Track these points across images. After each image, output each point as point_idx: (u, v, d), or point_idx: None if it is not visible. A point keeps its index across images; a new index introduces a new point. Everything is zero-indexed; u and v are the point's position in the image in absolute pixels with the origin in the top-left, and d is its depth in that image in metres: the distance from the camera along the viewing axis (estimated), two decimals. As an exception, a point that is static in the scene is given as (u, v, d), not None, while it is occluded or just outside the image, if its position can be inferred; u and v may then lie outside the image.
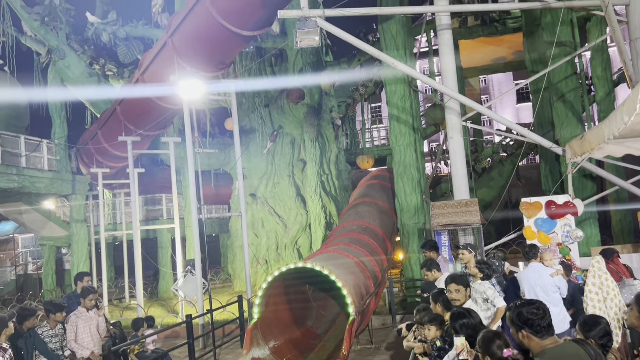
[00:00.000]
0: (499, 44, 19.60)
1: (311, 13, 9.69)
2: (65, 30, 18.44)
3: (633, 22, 9.37)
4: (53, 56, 18.02)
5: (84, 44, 18.89)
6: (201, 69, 12.92)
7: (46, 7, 17.69)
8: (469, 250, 7.01)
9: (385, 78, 15.26)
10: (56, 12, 17.86)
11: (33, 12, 17.67)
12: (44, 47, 18.33)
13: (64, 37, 18.41)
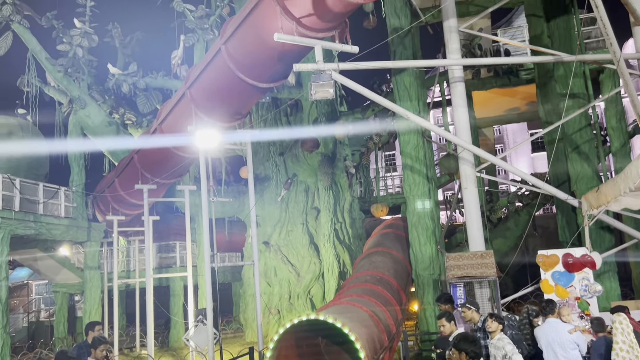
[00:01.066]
0: (512, 95, 19.78)
1: (326, 66, 9.91)
2: (87, 81, 19.03)
3: (645, 75, 9.44)
4: (74, 106, 18.53)
5: (104, 94, 19.44)
6: (218, 119, 13.16)
7: (70, 59, 18.33)
8: (468, 307, 6.87)
9: (399, 128, 15.39)
10: (79, 64, 18.49)
11: (57, 64, 18.31)
12: (66, 97, 18.88)
13: (86, 87, 18.99)
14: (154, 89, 19.68)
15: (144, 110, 19.68)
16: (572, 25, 13.58)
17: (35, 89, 18.79)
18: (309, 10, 9.71)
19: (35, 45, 18.56)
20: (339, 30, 10.76)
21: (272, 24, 10.13)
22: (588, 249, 9.82)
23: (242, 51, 11.36)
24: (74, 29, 18.36)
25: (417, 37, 16.48)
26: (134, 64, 19.38)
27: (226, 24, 11.94)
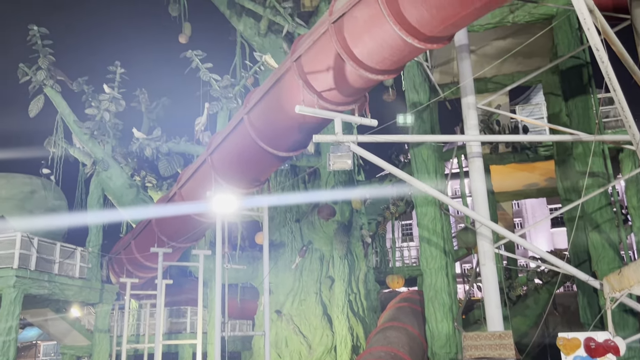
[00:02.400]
0: (531, 171, 19.75)
1: (345, 138, 10.05)
2: (112, 143, 19.53)
3: (666, 158, 9.39)
4: (97, 167, 18.94)
5: (127, 156, 19.89)
6: (237, 185, 13.30)
7: (97, 122, 18.93)
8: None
9: (416, 199, 15.37)
10: (105, 127, 19.06)
11: (84, 127, 18.90)
12: (90, 158, 19.34)
13: (110, 149, 19.47)
14: (176, 153, 20.10)
15: (165, 173, 20.03)
16: (591, 104, 13.70)
17: (61, 149, 19.30)
18: (330, 84, 9.98)
19: (65, 108, 19.25)
20: (358, 104, 11.01)
21: (294, 96, 10.41)
22: (611, 333, 9.44)
23: (263, 121, 11.64)
24: (103, 94, 19.07)
25: (435, 111, 16.77)
26: (159, 129, 19.91)
27: (250, 95, 12.31)
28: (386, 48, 8.84)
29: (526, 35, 14.60)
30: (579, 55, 13.74)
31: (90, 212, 19.10)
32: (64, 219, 18.61)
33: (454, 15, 7.96)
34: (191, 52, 18.26)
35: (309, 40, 9.91)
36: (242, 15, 20.77)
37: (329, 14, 9.35)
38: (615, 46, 8.06)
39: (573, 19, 13.83)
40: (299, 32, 19.09)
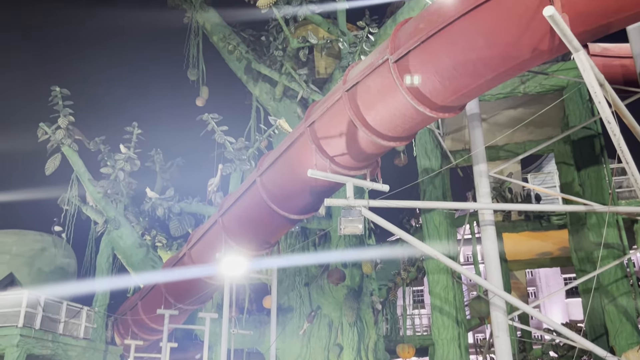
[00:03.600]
0: (544, 239, 19.49)
1: (356, 203, 10.04)
2: (124, 202, 19.69)
3: (683, 231, 9.24)
4: (109, 226, 19.03)
5: (139, 215, 19.98)
6: (247, 248, 13.24)
7: (111, 181, 19.18)
8: None
9: (428, 266, 15.18)
10: (119, 186, 19.29)
11: (99, 186, 19.14)
12: (102, 217, 19.46)
13: (122, 208, 19.61)
14: (187, 213, 20.18)
15: (175, 233, 20.03)
16: (603, 174, 13.68)
17: (74, 207, 19.49)
18: (342, 150, 10.10)
19: (81, 167, 19.57)
20: (370, 169, 11.09)
21: (307, 160, 10.52)
22: (633, 414, 9.00)
23: (276, 183, 11.73)
24: (118, 154, 19.41)
25: (447, 177, 16.83)
26: (172, 189, 20.10)
27: (263, 158, 12.46)
28: (398, 116, 8.99)
29: (537, 105, 14.81)
30: (591, 126, 13.86)
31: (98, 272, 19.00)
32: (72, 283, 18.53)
33: (466, 87, 8.12)
34: (207, 116, 18.69)
35: (322, 106, 10.12)
36: (258, 80, 21.38)
37: (342, 83, 9.59)
38: (626, 119, 8.14)
39: (584, 91, 14.05)
40: (313, 97, 19.53)
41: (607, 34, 7.94)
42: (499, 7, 7.13)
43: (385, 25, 19.86)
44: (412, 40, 8.13)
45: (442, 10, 7.92)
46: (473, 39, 7.51)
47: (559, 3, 6.61)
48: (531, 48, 7.27)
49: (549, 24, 6.53)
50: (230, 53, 21.33)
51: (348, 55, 19.03)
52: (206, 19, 22.20)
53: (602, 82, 7.35)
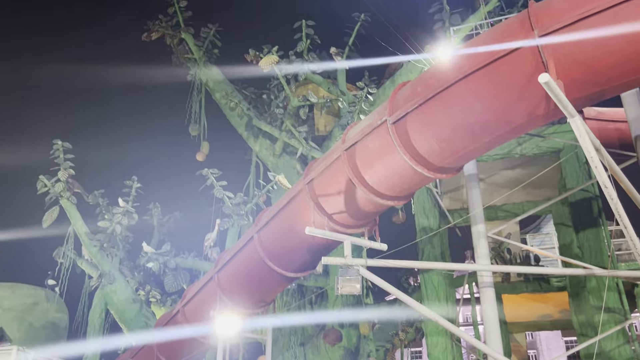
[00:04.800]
0: (544, 302, 19.17)
1: (354, 262, 9.95)
2: (120, 256, 19.54)
3: (684, 297, 9.12)
4: (103, 280, 18.81)
5: (134, 270, 19.79)
6: (242, 306, 13.00)
7: (108, 235, 19.10)
8: None
9: (426, 328, 14.89)
10: (116, 240, 19.20)
11: (95, 239, 19.05)
12: (97, 271, 19.27)
13: (117, 262, 19.44)
14: (183, 268, 19.98)
15: (170, 289, 19.76)
16: (602, 237, 13.64)
17: (69, 261, 19.32)
18: (340, 208, 10.11)
19: (78, 220, 19.54)
20: (368, 227, 11.06)
21: (305, 217, 10.51)
22: None
23: (273, 240, 11.66)
24: (117, 207, 19.43)
25: (445, 236, 16.76)
26: (168, 244, 19.99)
27: (261, 214, 12.46)
28: (396, 176, 9.07)
29: (534, 166, 14.95)
30: (588, 188, 13.93)
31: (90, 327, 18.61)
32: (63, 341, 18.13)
33: (463, 149, 8.23)
34: (207, 170, 18.83)
35: (322, 164, 10.21)
36: (258, 136, 21.67)
37: (342, 142, 9.72)
38: (622, 183, 8.20)
39: (580, 153, 14.20)
40: (312, 154, 19.75)
41: (601, 100, 8.13)
42: (495, 72, 7.32)
43: (384, 86, 20.34)
44: (410, 102, 8.30)
45: (439, 74, 8.13)
46: (470, 103, 7.67)
47: (554, 70, 6.80)
48: (527, 113, 7.42)
49: (544, 90, 6.68)
50: (232, 110, 21.73)
51: (347, 114, 19.39)
52: (209, 76, 22.73)
53: (597, 146, 7.45)
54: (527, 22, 7.16)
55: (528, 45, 7.05)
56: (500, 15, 18.33)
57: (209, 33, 23.06)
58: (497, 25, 8.30)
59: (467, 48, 8.09)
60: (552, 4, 7.24)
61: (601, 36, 6.68)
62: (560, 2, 7.21)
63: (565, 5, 7.01)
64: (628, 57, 6.72)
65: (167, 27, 23.06)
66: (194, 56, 23.03)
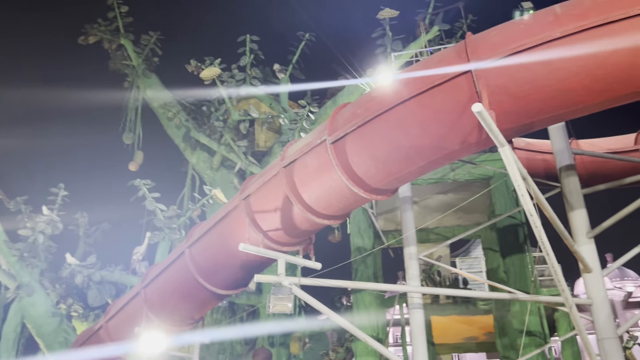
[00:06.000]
0: (470, 324, 19.71)
1: (287, 280, 9.87)
2: (41, 267, 18.48)
3: (598, 322, 9.59)
4: (21, 292, 17.70)
5: (55, 282, 18.75)
6: (169, 323, 12.56)
7: (29, 244, 18.05)
8: None
9: (356, 348, 14.94)
10: (37, 250, 18.17)
11: (14, 248, 17.94)
12: (14, 282, 18.12)
13: (38, 273, 18.36)
14: (108, 282, 19.12)
15: (93, 304, 18.85)
16: (527, 263, 14.20)
17: (-14, 275, 18.08)
18: (276, 225, 10.02)
19: (-3, 229, 18.38)
20: (303, 245, 11.02)
21: (240, 233, 10.35)
22: None
23: (205, 256, 11.38)
24: (40, 215, 18.42)
25: (379, 257, 16.97)
26: (94, 256, 19.11)
27: (194, 228, 12.15)
28: (333, 195, 9.11)
29: (466, 192, 15.44)
30: (515, 215, 14.51)
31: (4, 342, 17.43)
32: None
33: (398, 172, 8.39)
34: (139, 181, 18.23)
35: (259, 180, 10.12)
36: (196, 148, 21.26)
37: (281, 159, 9.68)
38: (547, 212, 8.58)
39: (509, 181, 14.77)
40: (251, 170, 19.57)
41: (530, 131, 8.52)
42: (432, 100, 7.53)
43: (326, 106, 20.54)
44: (350, 124, 8.39)
45: (378, 98, 8.28)
46: (407, 127, 7.84)
47: (487, 100, 7.06)
48: (460, 140, 7.66)
49: (477, 119, 6.92)
50: (170, 120, 21.25)
51: (288, 131, 19.40)
52: (148, 84, 22.19)
53: (525, 176, 7.76)
54: (464, 53, 7.43)
55: (463, 75, 7.30)
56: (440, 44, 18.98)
57: (149, 41, 22.56)
58: (436, 53, 8.57)
59: (406, 74, 8.29)
60: (488, 36, 7.56)
61: (531, 71, 7.02)
62: (496, 35, 7.53)
63: (500, 39, 7.33)
64: (554, 94, 7.09)
65: (105, 31, 22.39)
66: (132, 63, 22.43)
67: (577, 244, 9.96)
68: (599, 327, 9.53)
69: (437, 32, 19.22)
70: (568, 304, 8.44)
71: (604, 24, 6.79)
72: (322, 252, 11.45)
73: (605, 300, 9.71)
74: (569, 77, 6.96)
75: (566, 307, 8.56)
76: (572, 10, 7.09)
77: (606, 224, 10.08)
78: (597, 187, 11.89)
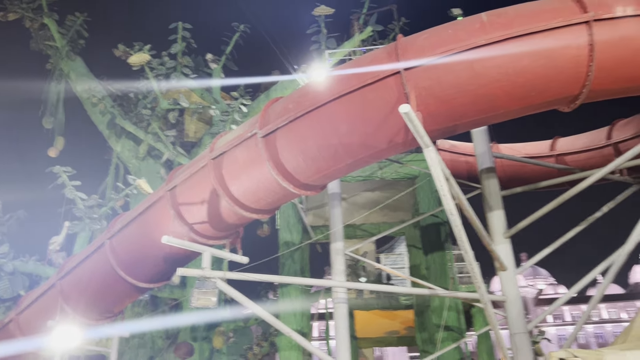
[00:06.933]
0: (392, 319, 20.27)
1: (212, 274, 9.74)
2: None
3: (511, 318, 10.11)
4: None
5: (-39, 273, 17.54)
6: (87, 316, 12.08)
7: None
8: None
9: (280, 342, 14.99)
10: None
11: None
12: None
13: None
14: (22, 273, 18.06)
15: (3, 295, 17.73)
16: (447, 260, 14.76)
17: None
18: (203, 218, 9.86)
19: None
20: (230, 239, 10.91)
21: (164, 225, 10.11)
22: None
23: (127, 248, 11.02)
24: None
25: (306, 252, 17.09)
26: (7, 245, 17.99)
27: (116, 219, 11.74)
28: (262, 189, 9.08)
29: (393, 190, 15.84)
30: (438, 214, 15.03)
31: None
32: None
33: (327, 168, 8.47)
34: (59, 168, 17.33)
35: (186, 171, 9.91)
36: (121, 136, 20.47)
37: (209, 150, 9.53)
38: (467, 212, 8.93)
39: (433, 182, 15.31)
40: (179, 160, 19.09)
41: (454, 134, 8.85)
42: (362, 99, 7.66)
43: (259, 99, 20.37)
44: (281, 118, 8.38)
45: (310, 94, 8.32)
46: (337, 124, 7.93)
47: (414, 102, 7.26)
48: (388, 139, 7.84)
49: (404, 119, 7.10)
50: (94, 105, 20.36)
51: (219, 123, 19.07)
52: (71, 67, 21.14)
53: (447, 176, 8.06)
54: (394, 54, 7.60)
55: (393, 76, 7.47)
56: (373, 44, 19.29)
57: (75, 22, 21.48)
58: (368, 53, 8.71)
59: (339, 72, 8.39)
60: (417, 39, 7.77)
61: (457, 76, 7.29)
62: (426, 39, 7.76)
63: (429, 43, 7.56)
64: (478, 98, 7.40)
65: (27, 8, 21.10)
66: (56, 44, 21.29)
67: (494, 243, 10.45)
68: (511, 322, 10.04)
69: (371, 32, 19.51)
70: (483, 300, 8.84)
71: (526, 34, 7.16)
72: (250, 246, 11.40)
73: (518, 297, 10.26)
74: (491, 83, 7.29)
75: (482, 303, 8.97)
76: (497, 19, 7.42)
77: (521, 224, 10.62)
78: (515, 189, 12.53)
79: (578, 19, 7.23)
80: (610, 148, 13.49)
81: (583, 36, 7.22)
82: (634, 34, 7.29)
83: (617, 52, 7.26)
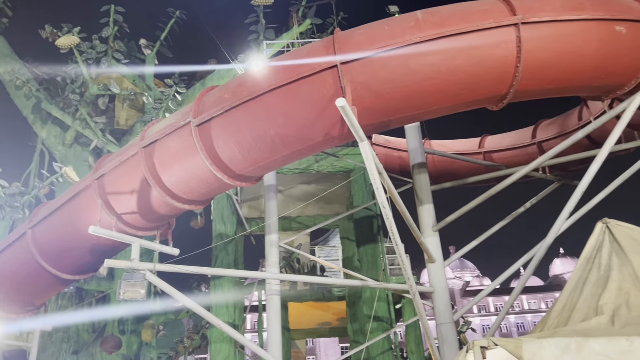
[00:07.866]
0: (325, 310, 20.47)
1: (141, 266, 9.51)
2: None
3: (438, 308, 10.47)
4: None
5: None
6: (5, 309, 11.48)
7: None
8: None
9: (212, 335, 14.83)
10: None
11: None
12: None
13: None
14: None
15: None
16: (379, 252, 15.07)
17: None
18: (132, 208, 9.57)
19: None
20: (161, 230, 10.65)
21: (91, 215, 9.74)
22: None
23: (50, 238, 10.54)
24: None
25: (240, 244, 16.96)
26: None
27: (40, 207, 11.21)
28: (195, 179, 8.91)
29: (328, 183, 15.97)
30: (371, 207, 15.31)
31: None
32: None
33: (263, 159, 8.42)
34: (-23, 154, 16.32)
35: (115, 160, 9.58)
36: (47, 122, 19.48)
37: (140, 138, 9.25)
38: (398, 205, 9.15)
39: (367, 175, 15.57)
40: (109, 148, 18.40)
41: (388, 129, 9.02)
42: (299, 90, 7.66)
43: (194, 87, 19.96)
44: (216, 107, 8.25)
45: (247, 84, 8.23)
46: (273, 115, 7.90)
47: (350, 96, 7.34)
48: (324, 132, 7.89)
49: (340, 113, 7.16)
50: (18, 89, 19.24)
51: (152, 111, 18.53)
52: (-8, 47, 19.89)
53: (380, 170, 8.21)
54: (331, 47, 7.65)
55: (330, 69, 7.51)
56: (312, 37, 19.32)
57: (-3, -2, 20.21)
58: (305, 45, 8.71)
59: (276, 63, 8.34)
60: (354, 34, 7.85)
61: (391, 71, 7.42)
62: (362, 34, 7.85)
63: (365, 38, 7.66)
64: (411, 94, 7.57)
65: (-60, -19, 19.66)
66: (-26, 21, 19.97)
67: (424, 236, 10.77)
68: (438, 312, 10.40)
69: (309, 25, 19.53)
70: (412, 291, 9.10)
71: (458, 33, 7.38)
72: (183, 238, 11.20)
73: (445, 289, 10.63)
74: (424, 80, 7.48)
75: (410, 294, 9.22)
76: (431, 17, 7.62)
77: (450, 218, 11.00)
78: (444, 184, 12.96)
79: (507, 21, 7.54)
80: (535, 147, 14.18)
81: (511, 38, 7.53)
82: (558, 38, 7.69)
83: (542, 54, 7.64)
